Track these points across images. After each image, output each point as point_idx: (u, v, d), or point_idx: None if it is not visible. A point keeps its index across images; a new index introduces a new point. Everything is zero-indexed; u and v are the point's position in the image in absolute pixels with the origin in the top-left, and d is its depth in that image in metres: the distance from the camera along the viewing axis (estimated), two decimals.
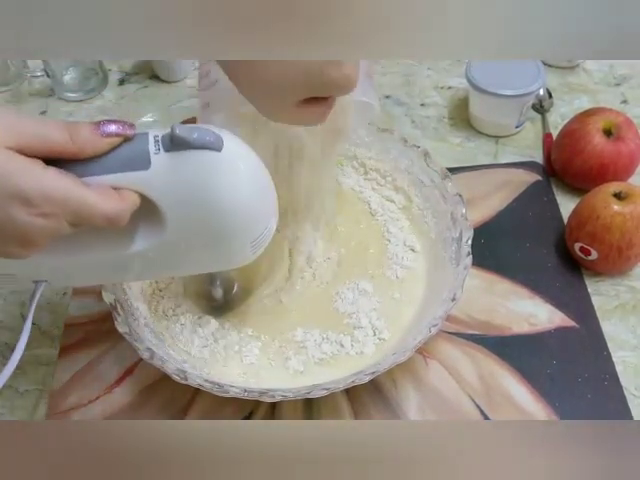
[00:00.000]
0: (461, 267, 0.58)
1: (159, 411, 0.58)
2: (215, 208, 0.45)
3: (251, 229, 0.48)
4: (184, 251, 0.47)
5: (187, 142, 0.42)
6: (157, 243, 0.46)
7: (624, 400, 0.57)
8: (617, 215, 0.60)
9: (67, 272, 0.49)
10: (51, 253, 0.44)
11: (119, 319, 0.56)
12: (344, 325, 0.60)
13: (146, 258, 0.47)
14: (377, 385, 0.58)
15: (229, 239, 0.48)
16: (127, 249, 0.46)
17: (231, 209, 0.46)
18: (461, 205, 0.62)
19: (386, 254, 0.65)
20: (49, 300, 0.66)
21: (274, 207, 0.50)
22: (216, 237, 0.47)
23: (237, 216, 0.46)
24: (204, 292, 0.62)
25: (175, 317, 0.61)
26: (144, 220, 0.45)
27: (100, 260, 0.47)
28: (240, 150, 0.46)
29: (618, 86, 0.83)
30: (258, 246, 0.50)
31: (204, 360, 0.58)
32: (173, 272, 0.54)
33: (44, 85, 0.86)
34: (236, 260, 0.51)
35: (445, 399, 0.58)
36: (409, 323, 0.60)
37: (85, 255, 0.46)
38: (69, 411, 0.59)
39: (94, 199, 0.40)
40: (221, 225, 0.46)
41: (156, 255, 0.47)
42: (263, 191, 0.48)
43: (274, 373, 0.58)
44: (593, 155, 0.68)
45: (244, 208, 0.46)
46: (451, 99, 0.82)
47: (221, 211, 0.45)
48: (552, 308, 0.63)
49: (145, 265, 0.49)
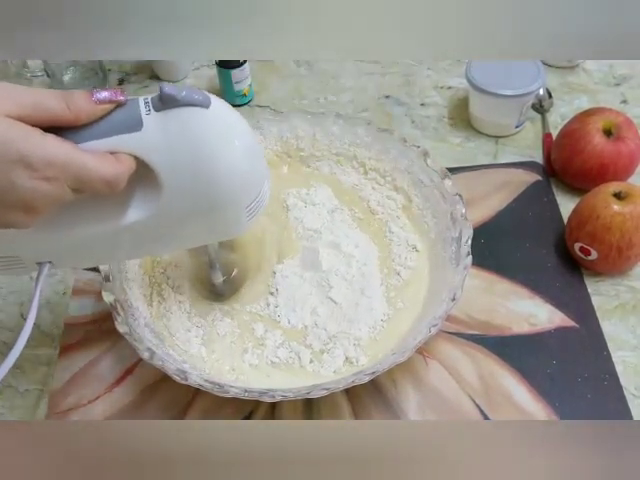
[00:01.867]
0: (461, 267, 0.58)
1: (159, 411, 0.58)
2: (208, 166, 0.46)
3: (245, 191, 0.49)
4: (180, 219, 0.48)
5: (175, 99, 0.43)
6: (154, 210, 0.47)
7: (624, 400, 0.57)
8: (617, 215, 0.60)
9: (68, 250, 0.49)
10: (52, 229, 0.45)
11: (119, 319, 0.56)
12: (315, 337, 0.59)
13: (144, 229, 0.48)
14: (377, 385, 0.58)
15: (224, 201, 0.48)
16: (125, 219, 0.47)
17: (224, 165, 0.46)
18: (461, 205, 0.62)
19: (390, 255, 0.65)
20: (49, 300, 0.66)
21: (265, 169, 0.51)
22: (211, 198, 0.47)
23: (230, 173, 0.47)
24: (205, 278, 0.62)
25: (175, 317, 0.61)
26: (140, 188, 0.46)
27: (100, 234, 0.48)
28: (227, 108, 0.47)
29: (618, 86, 0.83)
30: (253, 212, 0.50)
31: (202, 359, 0.58)
32: (171, 245, 0.54)
33: (44, 85, 0.86)
34: (232, 229, 0.52)
35: (445, 399, 0.58)
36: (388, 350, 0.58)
37: (84, 229, 0.47)
38: (69, 411, 0.59)
39: (93, 163, 0.41)
40: (215, 183, 0.47)
41: (154, 225, 0.48)
42: (253, 151, 0.49)
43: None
44: (593, 155, 0.68)
45: (236, 165, 0.47)
46: (451, 99, 0.82)
47: (214, 169, 0.46)
48: (552, 308, 0.63)
49: (144, 237, 0.49)
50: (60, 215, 0.44)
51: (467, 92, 0.78)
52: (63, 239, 0.48)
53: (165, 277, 0.63)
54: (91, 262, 0.55)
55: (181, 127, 0.44)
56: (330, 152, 0.70)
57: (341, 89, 0.84)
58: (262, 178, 0.50)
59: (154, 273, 0.63)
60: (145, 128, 0.43)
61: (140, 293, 0.62)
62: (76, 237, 0.48)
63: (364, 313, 0.60)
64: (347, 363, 0.58)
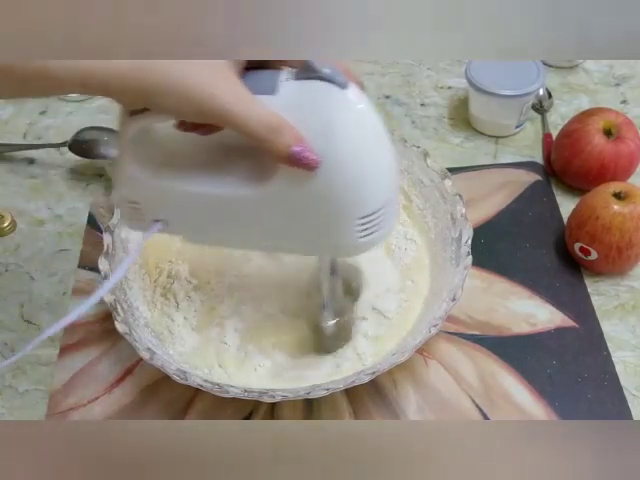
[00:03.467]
0: (461, 267, 0.58)
1: (159, 411, 0.58)
2: (331, 147, 0.43)
3: (362, 195, 0.45)
4: (292, 202, 0.46)
5: (315, 70, 0.42)
6: (267, 188, 0.45)
7: (624, 400, 0.57)
8: (617, 215, 0.60)
9: (181, 211, 0.49)
10: (171, 181, 0.47)
11: (119, 319, 0.56)
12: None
13: (254, 207, 0.47)
14: (377, 385, 0.58)
15: (336, 197, 0.44)
16: (240, 190, 0.47)
17: (347, 151, 0.43)
18: (461, 205, 0.62)
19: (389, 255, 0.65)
20: (49, 300, 0.66)
21: (393, 189, 0.47)
22: (324, 187, 0.44)
23: (352, 164, 0.44)
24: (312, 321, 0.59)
25: (175, 317, 0.61)
26: (260, 163, 0.46)
27: (214, 200, 0.47)
28: (365, 99, 0.44)
29: (618, 86, 0.83)
30: (368, 229, 0.46)
31: (202, 359, 0.58)
32: (278, 239, 0.50)
33: None
34: (341, 242, 0.47)
35: (445, 399, 0.58)
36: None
37: (199, 188, 0.47)
38: (69, 411, 0.59)
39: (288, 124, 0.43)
40: (333, 169, 0.43)
41: (263, 205, 0.46)
42: (383, 154, 0.45)
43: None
44: (593, 155, 0.68)
45: (361, 157, 0.44)
46: (451, 99, 0.82)
47: (337, 151, 0.43)
48: (552, 308, 0.63)
49: (251, 219, 0.48)
50: (182, 170, 0.47)
51: (467, 92, 0.78)
52: (179, 196, 0.48)
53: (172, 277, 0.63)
54: (197, 235, 0.53)
55: (315, 100, 0.43)
56: None
57: None
58: (387, 192, 0.46)
59: (158, 276, 0.63)
60: (279, 94, 0.43)
61: (140, 293, 0.62)
62: (189, 197, 0.48)
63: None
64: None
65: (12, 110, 0.84)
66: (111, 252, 0.61)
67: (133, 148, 0.47)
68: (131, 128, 0.45)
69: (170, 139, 0.48)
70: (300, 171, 0.43)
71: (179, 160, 0.48)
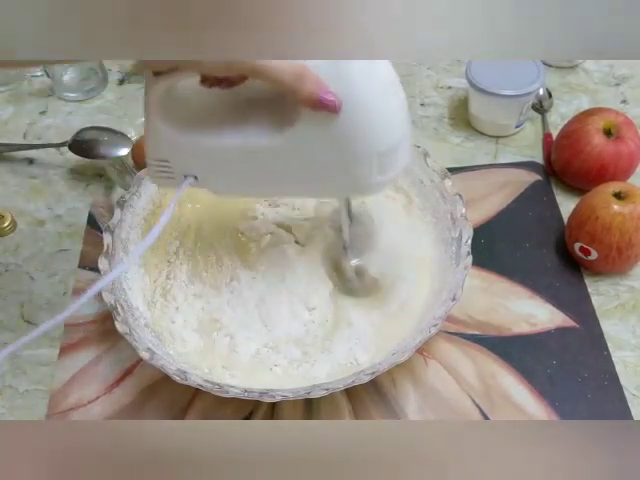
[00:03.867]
0: (461, 267, 0.58)
1: (159, 411, 0.58)
2: (350, 91, 0.45)
3: (380, 132, 0.48)
4: (313, 144, 0.48)
5: None
6: (290, 133, 0.47)
7: (624, 400, 0.57)
8: (617, 215, 0.60)
9: (213, 165, 0.51)
10: (198, 136, 0.49)
11: (119, 319, 0.56)
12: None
13: (280, 153, 0.49)
14: (377, 385, 0.58)
15: (357, 137, 0.47)
16: (264, 138, 0.48)
17: (364, 92, 0.46)
18: (461, 205, 0.62)
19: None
20: (49, 300, 0.66)
21: (407, 125, 0.49)
22: (344, 128, 0.47)
23: (369, 100, 0.46)
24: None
25: (175, 317, 0.61)
26: (280, 109, 0.48)
27: (240, 151, 0.50)
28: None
29: (618, 86, 0.83)
30: (386, 167, 0.49)
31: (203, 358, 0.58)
32: (301, 182, 0.52)
33: (44, 85, 0.86)
34: (362, 180, 0.50)
35: (445, 399, 0.58)
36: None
37: (234, 140, 0.49)
38: (69, 411, 0.59)
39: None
40: (352, 115, 0.46)
41: (288, 149, 0.49)
42: (396, 92, 0.48)
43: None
44: (593, 155, 0.68)
45: (376, 97, 0.46)
46: (451, 99, 0.82)
47: (354, 96, 0.46)
48: (552, 308, 0.63)
49: (276, 167, 0.50)
50: (209, 124, 0.49)
51: (467, 92, 0.78)
52: (206, 150, 0.50)
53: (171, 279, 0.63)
54: (226, 186, 0.55)
55: None
56: None
57: None
58: (401, 129, 0.49)
59: (158, 276, 0.63)
60: None
61: (140, 293, 0.62)
62: (217, 150, 0.50)
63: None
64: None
65: (12, 110, 0.84)
66: (111, 252, 0.61)
67: (160, 107, 0.49)
68: (157, 88, 0.47)
69: (195, 96, 0.50)
70: (321, 114, 0.45)
71: (204, 115, 0.50)
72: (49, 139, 0.80)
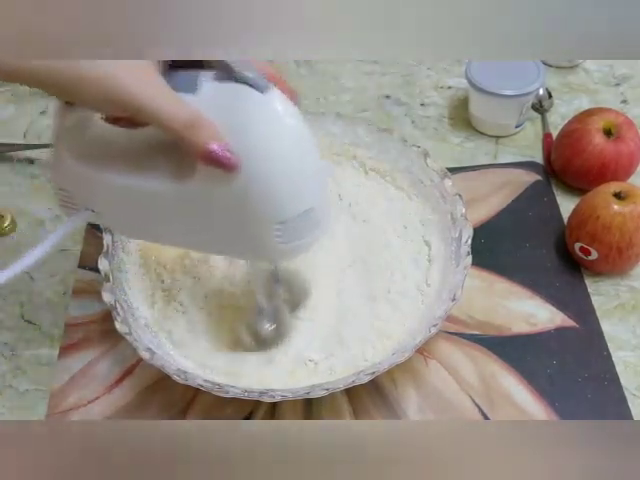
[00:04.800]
0: (461, 267, 0.58)
1: (159, 411, 0.58)
2: (247, 149, 0.43)
3: (281, 200, 0.44)
4: (211, 202, 0.46)
5: (232, 72, 0.42)
6: (189, 184, 0.45)
7: (624, 400, 0.57)
8: (617, 215, 0.60)
9: (111, 204, 0.50)
10: (101, 171, 0.48)
11: (119, 319, 0.56)
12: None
13: (177, 203, 0.47)
14: (377, 385, 0.58)
15: (254, 201, 0.44)
16: (162, 185, 0.46)
17: (263, 155, 0.43)
18: (461, 205, 0.62)
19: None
20: (49, 300, 0.66)
21: (317, 192, 0.46)
22: (242, 190, 0.44)
23: (268, 167, 0.43)
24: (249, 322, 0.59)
25: (175, 317, 0.61)
26: (178, 159, 0.46)
27: (147, 194, 0.48)
28: (286, 103, 0.44)
29: (618, 86, 0.83)
30: (289, 236, 0.45)
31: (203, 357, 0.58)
32: (200, 238, 0.50)
33: None
34: (262, 247, 0.47)
35: (445, 399, 0.58)
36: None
37: (132, 182, 0.47)
38: (69, 411, 0.59)
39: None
40: (250, 172, 0.43)
41: (186, 200, 0.46)
42: (304, 159, 0.45)
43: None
44: (593, 155, 0.68)
45: (277, 160, 0.43)
46: (451, 99, 0.82)
47: (253, 155, 0.43)
48: (552, 308, 0.63)
49: (174, 217, 0.48)
50: (111, 162, 0.47)
51: (467, 92, 0.78)
52: (105, 187, 0.48)
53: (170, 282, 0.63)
54: (125, 229, 0.55)
55: (234, 101, 0.43)
56: (330, 152, 0.70)
57: (341, 89, 0.84)
58: (308, 199, 0.45)
59: (156, 275, 0.63)
60: (199, 92, 0.43)
61: (140, 293, 0.62)
62: (115, 189, 0.48)
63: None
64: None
65: (12, 110, 0.84)
66: (111, 252, 0.61)
67: (66, 137, 0.48)
68: (66, 117, 0.47)
69: (102, 131, 0.49)
70: (219, 171, 0.42)
71: (108, 152, 0.49)
72: (49, 139, 0.80)
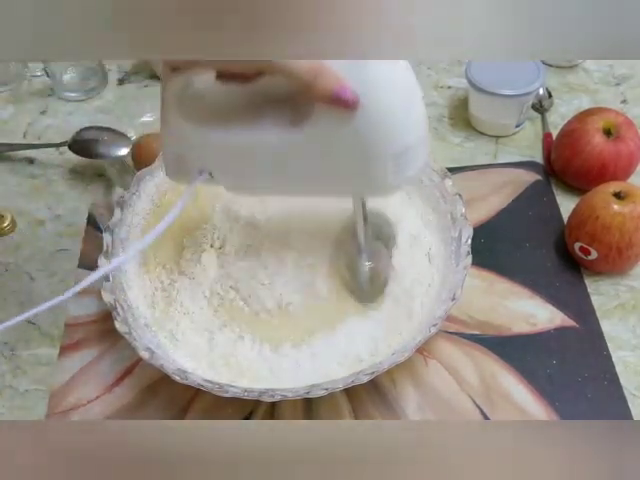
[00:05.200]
0: (461, 267, 0.58)
1: (159, 411, 0.58)
2: (366, 89, 0.45)
3: (394, 132, 0.47)
4: (327, 141, 0.48)
5: None
6: (306, 129, 0.47)
7: (624, 400, 0.57)
8: (617, 215, 0.60)
9: (227, 161, 0.52)
10: (213, 132, 0.50)
11: (119, 319, 0.56)
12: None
13: (294, 150, 0.49)
14: (377, 385, 0.58)
15: (372, 136, 0.47)
16: (278, 134, 0.48)
17: (381, 90, 0.46)
18: (460, 205, 0.62)
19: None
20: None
21: (423, 123, 0.49)
22: (359, 127, 0.46)
23: (386, 102, 0.46)
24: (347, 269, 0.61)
25: (175, 316, 0.61)
26: (293, 107, 0.48)
27: (264, 146, 0.49)
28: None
29: (618, 86, 0.83)
30: (401, 169, 0.49)
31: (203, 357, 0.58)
32: (317, 180, 0.52)
33: (44, 85, 0.86)
34: (375, 178, 0.50)
35: (445, 399, 0.58)
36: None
37: (248, 136, 0.49)
38: (69, 411, 0.59)
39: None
40: (368, 114, 0.46)
41: (303, 150, 0.49)
42: (413, 93, 0.48)
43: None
44: (593, 155, 0.68)
45: (393, 96, 0.46)
46: (451, 99, 0.82)
47: (371, 94, 0.45)
48: (552, 308, 0.63)
49: (290, 164, 0.50)
50: (224, 120, 0.49)
51: (467, 92, 0.78)
52: (221, 145, 0.50)
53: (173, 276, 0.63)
54: (240, 183, 0.55)
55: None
56: None
57: None
58: (418, 130, 0.49)
59: (156, 275, 0.63)
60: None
61: (140, 293, 0.62)
62: (231, 146, 0.50)
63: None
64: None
65: (12, 110, 0.84)
66: (111, 252, 0.61)
67: (176, 102, 0.49)
68: (173, 83, 0.48)
69: (211, 92, 0.50)
70: (336, 111, 0.45)
71: (220, 111, 0.50)
72: (49, 139, 0.80)
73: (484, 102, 0.75)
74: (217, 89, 0.49)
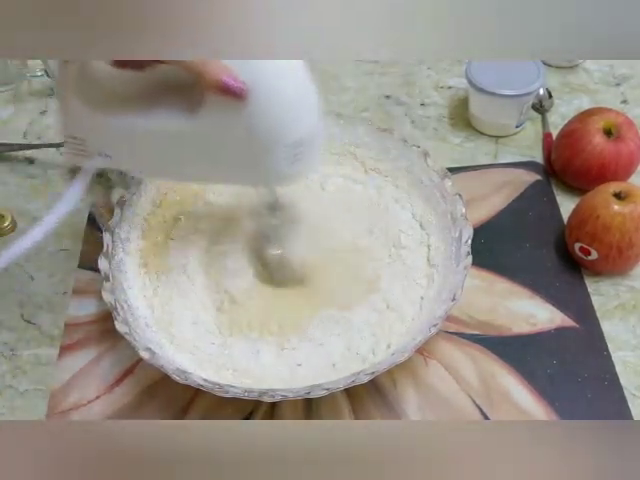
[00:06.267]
0: (461, 267, 0.58)
1: (159, 411, 0.58)
2: (256, 80, 0.46)
3: (289, 122, 0.48)
4: (221, 134, 0.49)
5: None
6: (198, 117, 0.48)
7: (624, 400, 0.57)
8: (617, 215, 0.60)
9: (123, 146, 0.52)
10: (114, 117, 0.50)
11: (119, 319, 0.56)
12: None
13: (188, 137, 0.50)
14: (377, 385, 0.58)
15: (264, 126, 0.48)
16: (172, 121, 0.49)
17: (272, 81, 0.47)
18: (461, 205, 0.62)
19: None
20: (49, 300, 0.66)
21: (316, 116, 0.50)
22: (251, 116, 0.47)
23: (277, 92, 0.47)
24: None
25: (175, 316, 0.61)
26: (188, 96, 0.49)
27: (159, 132, 0.50)
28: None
29: (618, 86, 0.83)
30: (296, 159, 0.50)
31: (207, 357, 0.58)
32: (212, 168, 0.53)
33: (44, 85, 0.86)
34: (269, 168, 0.51)
35: (445, 399, 0.58)
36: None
37: (143, 122, 0.50)
38: (69, 411, 0.59)
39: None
40: (260, 100, 0.46)
41: (197, 137, 0.49)
42: (304, 86, 0.49)
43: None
44: (593, 155, 0.68)
45: (284, 86, 0.47)
46: (451, 99, 0.82)
47: (261, 85, 0.46)
48: (552, 308, 0.63)
49: (185, 151, 0.51)
50: (121, 105, 0.50)
51: (467, 92, 0.78)
52: (117, 130, 0.51)
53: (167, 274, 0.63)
54: (138, 168, 0.56)
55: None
56: (330, 152, 0.70)
57: (341, 89, 0.84)
58: (311, 122, 0.50)
59: (156, 275, 0.63)
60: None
61: (140, 293, 0.62)
62: (127, 131, 0.51)
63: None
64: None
65: (12, 110, 0.84)
66: (111, 252, 0.61)
67: (74, 85, 0.50)
68: (70, 66, 0.49)
69: (107, 77, 0.51)
70: (226, 100, 0.46)
71: (116, 97, 0.51)
72: (49, 139, 0.80)
73: (484, 102, 0.75)
74: (113, 75, 0.50)
